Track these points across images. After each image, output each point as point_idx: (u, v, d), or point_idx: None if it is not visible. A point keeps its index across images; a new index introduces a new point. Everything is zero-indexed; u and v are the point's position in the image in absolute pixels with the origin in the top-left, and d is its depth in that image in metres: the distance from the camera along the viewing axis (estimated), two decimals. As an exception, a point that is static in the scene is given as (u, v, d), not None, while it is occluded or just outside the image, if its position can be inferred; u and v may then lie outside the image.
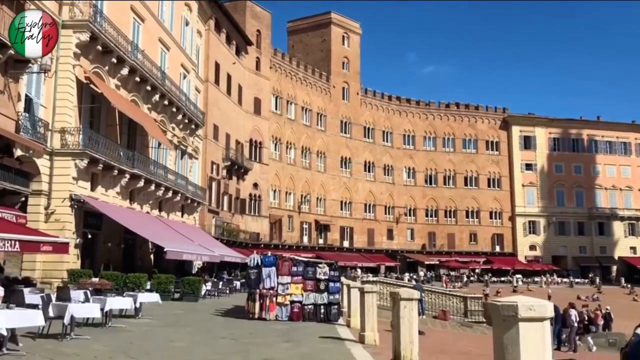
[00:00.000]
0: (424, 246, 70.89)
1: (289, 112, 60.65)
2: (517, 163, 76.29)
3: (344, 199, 66.13)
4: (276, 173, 57.56)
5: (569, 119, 79.73)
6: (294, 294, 15.99)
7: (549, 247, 75.17)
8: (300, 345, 10.75)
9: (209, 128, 44.58)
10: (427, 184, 73.13)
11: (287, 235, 57.96)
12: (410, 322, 7.51)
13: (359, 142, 68.41)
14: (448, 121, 75.08)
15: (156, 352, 9.16)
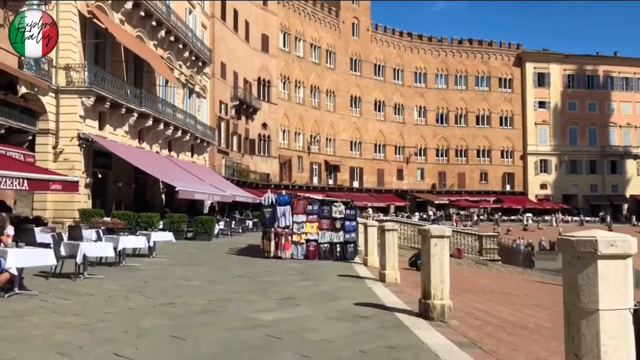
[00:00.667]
0: (434, 186, 70.57)
1: (298, 50, 59.07)
2: (530, 101, 74.67)
3: (354, 139, 65.39)
4: (285, 113, 56.67)
5: (584, 55, 77.32)
6: (309, 232, 15.71)
7: (559, 186, 74.68)
8: (319, 284, 10.48)
9: (217, 66, 43.48)
10: (438, 123, 72.00)
11: (297, 175, 57.71)
12: (441, 261, 7.09)
13: (369, 81, 66.92)
14: (460, 58, 73.05)
15: (172, 291, 8.88)
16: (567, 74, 76.12)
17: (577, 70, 76.36)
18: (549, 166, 74.90)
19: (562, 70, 75.78)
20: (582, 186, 75.19)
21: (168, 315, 6.77)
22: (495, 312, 8.53)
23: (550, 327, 7.45)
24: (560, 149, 74.76)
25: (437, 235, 7.10)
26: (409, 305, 8.03)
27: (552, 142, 74.99)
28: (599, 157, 75.58)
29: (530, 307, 9.75)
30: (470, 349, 5.54)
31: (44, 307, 7.14)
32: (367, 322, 6.66)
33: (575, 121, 75.78)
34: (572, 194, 74.85)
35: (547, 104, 75.12)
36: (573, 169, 75.25)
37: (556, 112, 75.24)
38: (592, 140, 76.06)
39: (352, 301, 8.25)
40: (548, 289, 14.32)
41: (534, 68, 75.08)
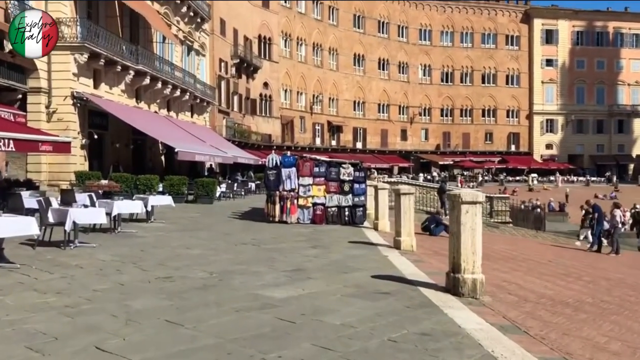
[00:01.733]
0: (438, 146, 69.54)
1: (299, 6, 57.10)
2: (537, 59, 72.89)
3: (357, 99, 63.99)
4: (287, 72, 55.18)
5: (594, 11, 75.21)
6: (316, 196, 14.88)
7: (565, 146, 73.66)
8: (330, 252, 9.68)
9: (216, 22, 41.90)
10: (443, 82, 70.43)
11: (300, 136, 56.64)
12: (473, 230, 6.25)
13: (373, 38, 65.04)
14: (467, 14, 70.91)
15: (171, 262, 8.09)
16: (576, 30, 74.08)
17: (587, 27, 74.28)
18: (555, 126, 73.70)
19: (571, 26, 73.69)
20: (588, 146, 74.19)
21: (164, 293, 5.97)
22: (526, 285, 7.74)
23: (592, 303, 6.68)
24: (567, 108, 73.40)
25: (469, 201, 6.23)
26: (432, 278, 7.25)
27: (559, 102, 73.58)
28: (606, 117, 74.29)
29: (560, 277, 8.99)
30: (516, 335, 4.75)
31: (23, 283, 6.33)
32: (391, 300, 5.86)
33: (583, 80, 74.15)
34: (578, 154, 73.91)
35: (554, 62, 73.34)
36: (579, 129, 74.09)
37: (564, 70, 73.52)
38: (599, 99, 74.63)
39: (369, 273, 7.46)
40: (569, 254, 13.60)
41: (542, 25, 72.99)
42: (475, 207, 6.28)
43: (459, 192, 6.33)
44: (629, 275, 10.78)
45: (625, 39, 74.96)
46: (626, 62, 74.74)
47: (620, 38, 74.84)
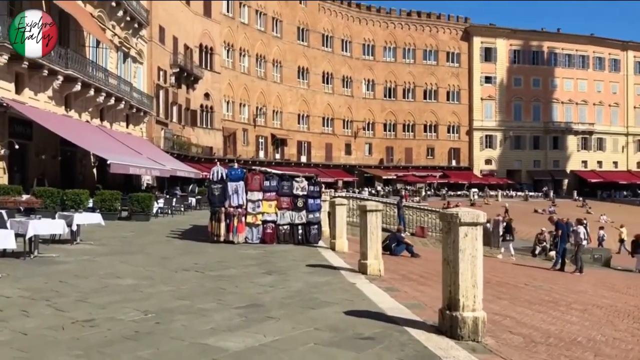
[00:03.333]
0: (381, 161, 69.52)
1: (242, 16, 55.78)
2: (477, 76, 74.51)
3: (302, 112, 63.06)
4: (229, 83, 53.57)
5: (530, 30, 77.76)
6: (266, 212, 13.53)
7: (504, 161, 75.36)
8: (288, 279, 8.36)
9: (154, 29, 39.96)
10: (386, 97, 70.69)
11: (242, 149, 54.99)
12: (473, 258, 5.12)
13: (317, 51, 64.46)
14: (409, 31, 71.66)
15: (95, 298, 6.54)
16: (514, 49, 76.33)
17: (523, 46, 76.69)
18: (494, 141, 75.32)
19: (508, 45, 75.87)
20: (526, 161, 76.20)
21: (81, 347, 4.49)
22: (522, 318, 6.70)
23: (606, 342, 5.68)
24: (506, 124, 75.26)
25: (469, 222, 5.10)
26: (416, 312, 6.09)
27: (498, 118, 75.36)
28: (542, 133, 76.67)
29: (549, 305, 8.05)
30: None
31: None
32: (379, 349, 4.62)
33: (520, 97, 76.34)
34: (516, 169, 75.75)
35: (493, 79, 75.17)
36: (517, 145, 76.04)
37: (502, 87, 75.46)
38: (535, 116, 76.99)
39: (341, 307, 6.20)
40: (537, 274, 12.87)
41: (481, 43, 74.79)
42: (475, 229, 5.16)
43: (457, 211, 5.19)
44: (614, 300, 10.06)
45: (559, 58, 77.91)
46: (560, 80, 77.61)
47: (554, 57, 77.71)
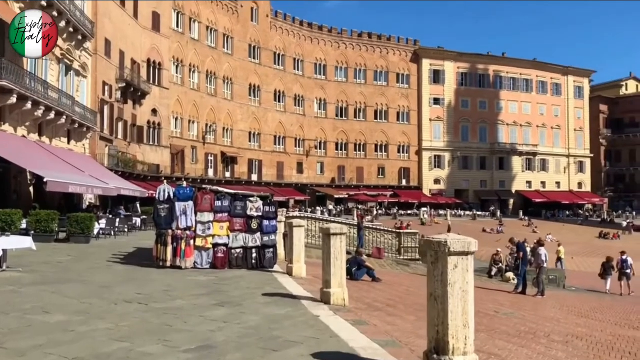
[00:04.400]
0: (333, 180, 69.21)
1: (192, 32, 54.65)
2: (425, 97, 75.64)
3: (253, 130, 62.10)
4: (178, 99, 52.14)
5: (476, 54, 79.77)
6: (217, 235, 12.58)
7: (452, 181, 76.45)
8: (243, 311, 7.49)
9: (100, 42, 38.37)
10: (338, 117, 70.70)
11: (191, 167, 53.45)
12: (464, 293, 4.44)
13: (269, 69, 63.88)
14: (360, 51, 72.18)
15: (13, 341, 5.50)
16: (461, 72, 78.06)
17: (470, 69, 78.55)
18: (442, 162, 76.40)
19: (456, 68, 77.54)
20: (473, 181, 77.58)
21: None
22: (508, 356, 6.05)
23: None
24: (453, 145, 76.55)
25: (460, 251, 4.43)
26: (394, 352, 5.38)
27: (446, 139, 76.58)
28: (489, 154, 78.39)
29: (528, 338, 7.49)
30: None
31: None
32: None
33: (467, 118, 77.95)
34: (464, 189, 76.97)
35: (441, 100, 76.51)
36: (465, 165, 77.38)
37: (450, 109, 76.88)
38: (482, 137, 78.72)
39: (308, 348, 5.41)
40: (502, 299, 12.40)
41: (430, 65, 76.13)
42: (467, 259, 4.49)
43: (445, 238, 4.51)
44: (589, 328, 9.64)
45: (504, 81, 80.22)
46: (505, 103, 79.84)
47: (500, 81, 79.97)
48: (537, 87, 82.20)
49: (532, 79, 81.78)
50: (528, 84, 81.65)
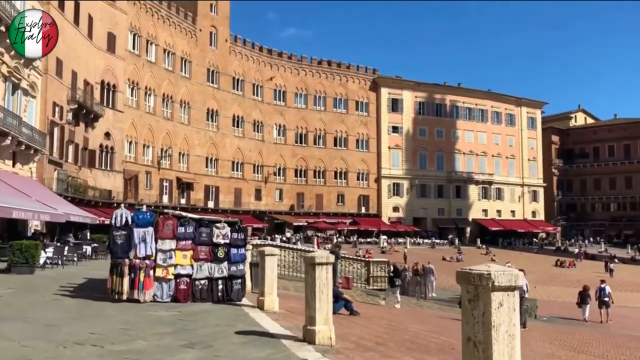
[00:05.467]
0: (292, 207, 68.20)
1: (149, 54, 53.34)
2: (384, 125, 76.06)
3: (210, 155, 60.68)
4: (132, 122, 50.44)
5: (434, 84, 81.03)
6: (180, 264, 11.41)
7: (411, 209, 76.59)
8: (218, 354, 6.43)
9: (51, 61, 36.70)
10: (298, 143, 70.11)
11: (145, 193, 51.49)
12: (511, 337, 3.56)
13: (228, 94, 62.92)
14: (320, 78, 72.22)
15: None
16: (419, 101, 79.05)
17: (427, 98, 79.66)
18: (401, 189, 76.57)
19: (414, 97, 78.49)
20: (431, 209, 77.96)
21: None
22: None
23: None
24: (412, 173, 76.96)
25: (506, 285, 3.61)
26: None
27: (404, 166, 76.94)
28: (446, 182, 79.15)
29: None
30: None
31: None
32: None
33: (425, 147, 78.69)
34: (422, 217, 77.19)
35: (400, 129, 77.09)
36: (423, 193, 77.79)
37: (408, 137, 77.48)
38: (439, 166, 79.48)
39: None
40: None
41: (389, 94, 76.82)
42: (513, 296, 3.67)
43: (486, 269, 3.67)
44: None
45: (460, 111, 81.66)
46: (461, 132, 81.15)
47: (456, 110, 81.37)
48: (492, 117, 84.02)
49: (487, 109, 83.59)
50: (483, 114, 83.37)
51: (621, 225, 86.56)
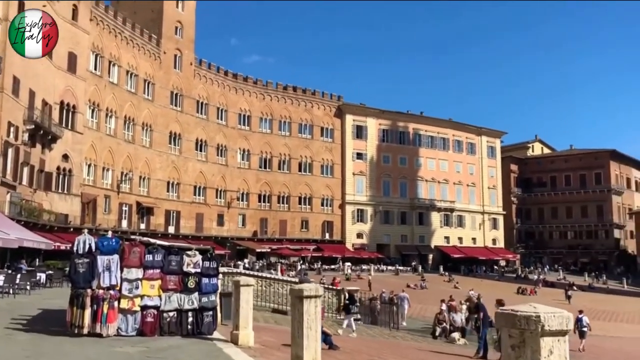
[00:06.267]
0: (255, 233, 67.07)
1: (111, 75, 52.09)
2: (349, 151, 76.20)
3: (172, 179, 59.28)
4: (92, 144, 48.88)
5: (397, 112, 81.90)
6: (147, 295, 10.62)
7: (374, 236, 76.47)
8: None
9: (7, 79, 35.41)
10: (262, 168, 69.38)
11: (103, 218, 49.69)
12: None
13: (191, 118, 61.94)
14: (285, 104, 72.06)
15: None
16: (382, 128, 79.67)
17: (391, 126, 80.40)
18: (365, 216, 76.48)
19: (378, 124, 79.08)
20: (394, 236, 78.01)
21: None
22: None
23: None
24: (375, 199, 77.05)
25: (556, 330, 3.13)
26: None
27: (368, 193, 77.02)
28: (409, 209, 79.51)
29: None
30: None
31: None
32: None
33: (388, 173, 79.09)
34: (386, 244, 77.11)
35: (364, 155, 77.36)
36: (386, 219, 77.87)
37: (372, 163, 77.78)
38: (403, 193, 79.89)
39: None
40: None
41: (353, 120, 77.18)
42: (564, 341, 3.20)
43: (534, 311, 3.19)
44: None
45: (423, 139, 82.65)
46: (424, 160, 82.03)
47: (419, 138, 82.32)
48: (454, 146, 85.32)
49: (448, 138, 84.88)
50: (445, 142, 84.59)
51: (578, 253, 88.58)
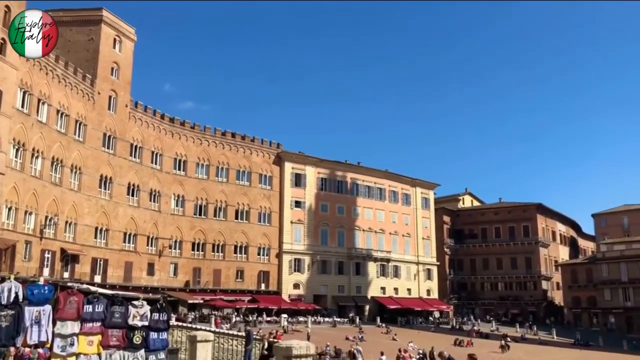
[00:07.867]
0: (187, 283, 64.08)
1: (40, 114, 49.28)
2: (287, 199, 75.42)
3: (100, 225, 55.99)
4: (15, 186, 45.50)
5: (335, 161, 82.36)
6: (83, 353, 9.10)
7: (311, 286, 75.09)
8: None
9: None
10: (197, 215, 67.09)
11: (22, 265, 45.78)
12: None
13: (124, 161, 59.37)
14: (223, 150, 70.81)
15: None
16: (321, 177, 79.70)
17: (329, 175, 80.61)
18: (302, 265, 75.19)
19: (316, 173, 79.06)
20: (331, 286, 76.94)
21: None
22: None
23: None
24: (313, 248, 76.15)
25: None
26: None
27: (306, 242, 76.08)
28: (346, 259, 79.04)
29: None
30: None
31: None
32: None
33: (326, 222, 78.67)
34: (322, 294, 75.81)
35: (302, 204, 76.75)
36: (323, 269, 76.89)
37: (310, 212, 77.22)
38: (340, 242, 79.51)
39: None
40: None
41: (292, 168, 76.86)
42: None
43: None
44: None
45: (360, 189, 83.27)
46: (361, 209, 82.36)
47: (356, 188, 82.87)
48: (390, 196, 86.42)
49: (385, 188, 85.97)
50: (381, 193, 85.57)
51: (508, 304, 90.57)
